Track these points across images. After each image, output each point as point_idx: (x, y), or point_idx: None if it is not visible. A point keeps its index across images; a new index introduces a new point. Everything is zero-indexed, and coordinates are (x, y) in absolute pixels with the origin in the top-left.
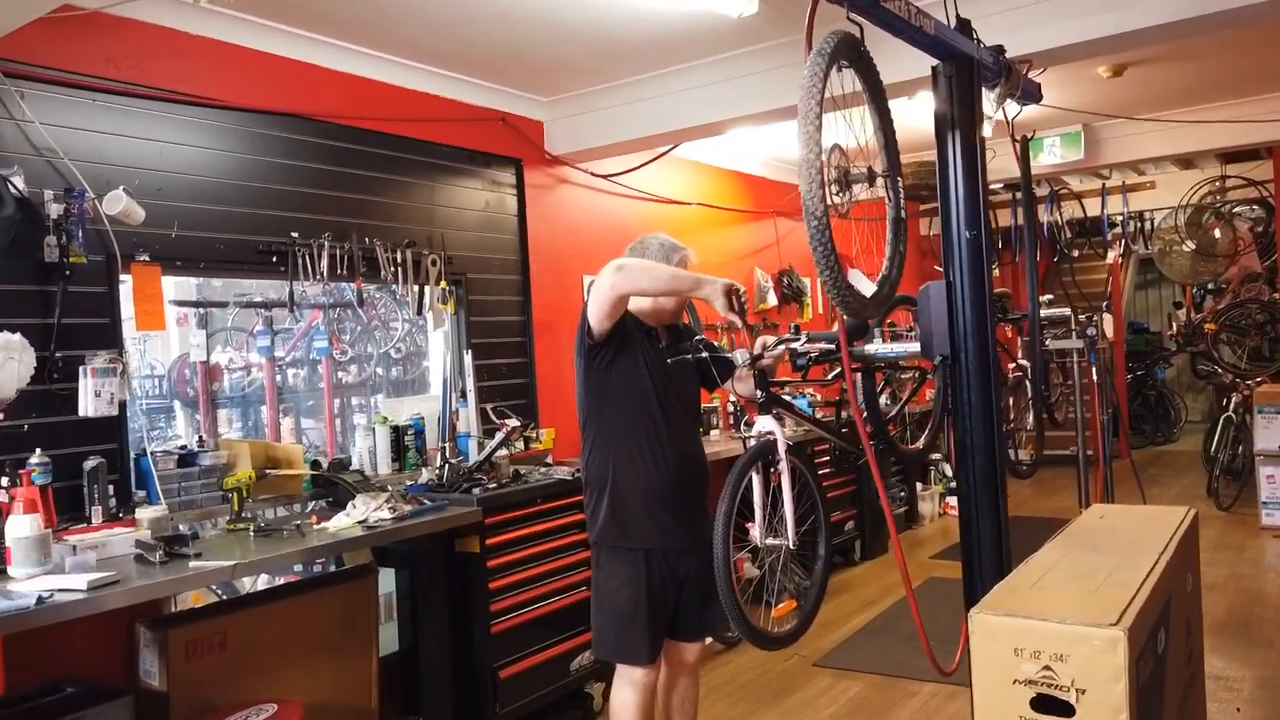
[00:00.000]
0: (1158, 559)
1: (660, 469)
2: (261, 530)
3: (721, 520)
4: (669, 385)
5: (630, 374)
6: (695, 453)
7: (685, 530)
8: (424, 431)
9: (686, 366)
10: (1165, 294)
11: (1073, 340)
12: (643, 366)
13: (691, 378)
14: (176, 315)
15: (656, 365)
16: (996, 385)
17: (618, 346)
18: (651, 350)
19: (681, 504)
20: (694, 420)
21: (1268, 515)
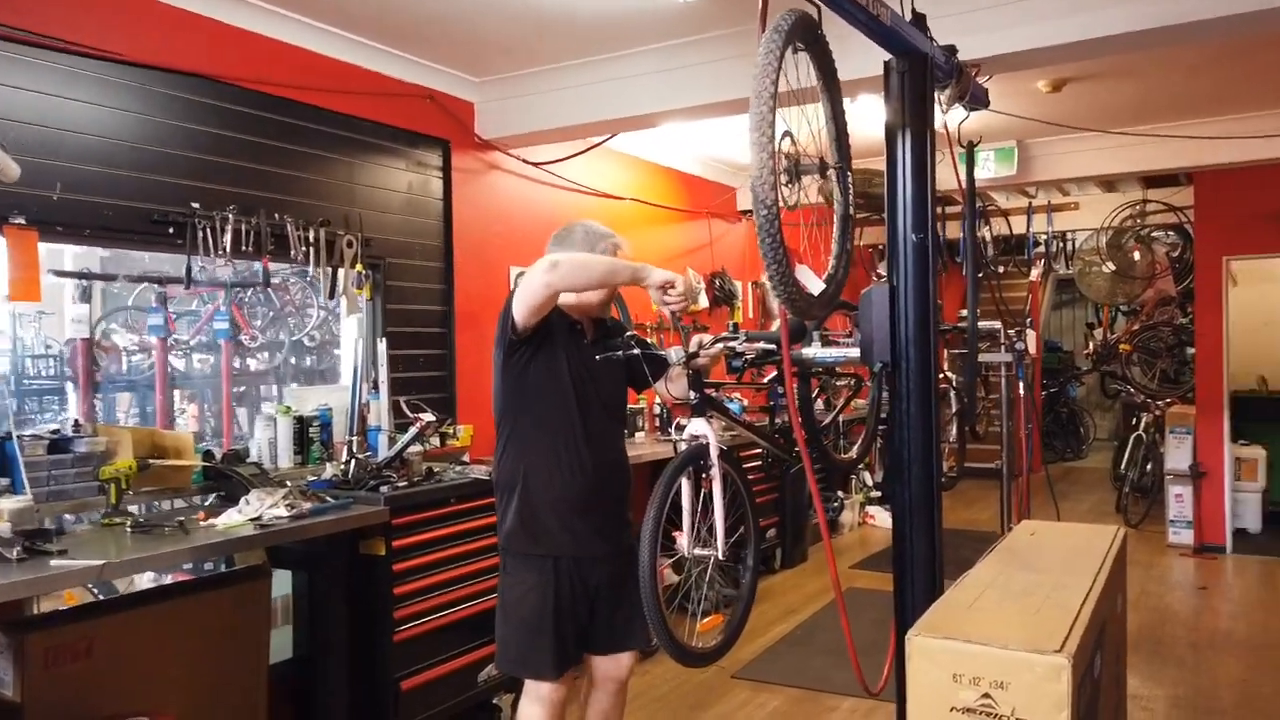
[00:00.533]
0: (1094, 580)
1: (576, 474)
2: (140, 526)
3: (649, 528)
4: (590, 385)
5: (549, 372)
6: (615, 457)
7: (601, 538)
8: (331, 424)
9: (614, 365)
10: (1079, 314)
11: (1001, 354)
12: (563, 364)
13: (618, 377)
14: (73, 293)
15: (579, 363)
16: (936, 396)
17: (539, 343)
18: (575, 347)
19: (598, 511)
20: (616, 422)
21: (1174, 533)
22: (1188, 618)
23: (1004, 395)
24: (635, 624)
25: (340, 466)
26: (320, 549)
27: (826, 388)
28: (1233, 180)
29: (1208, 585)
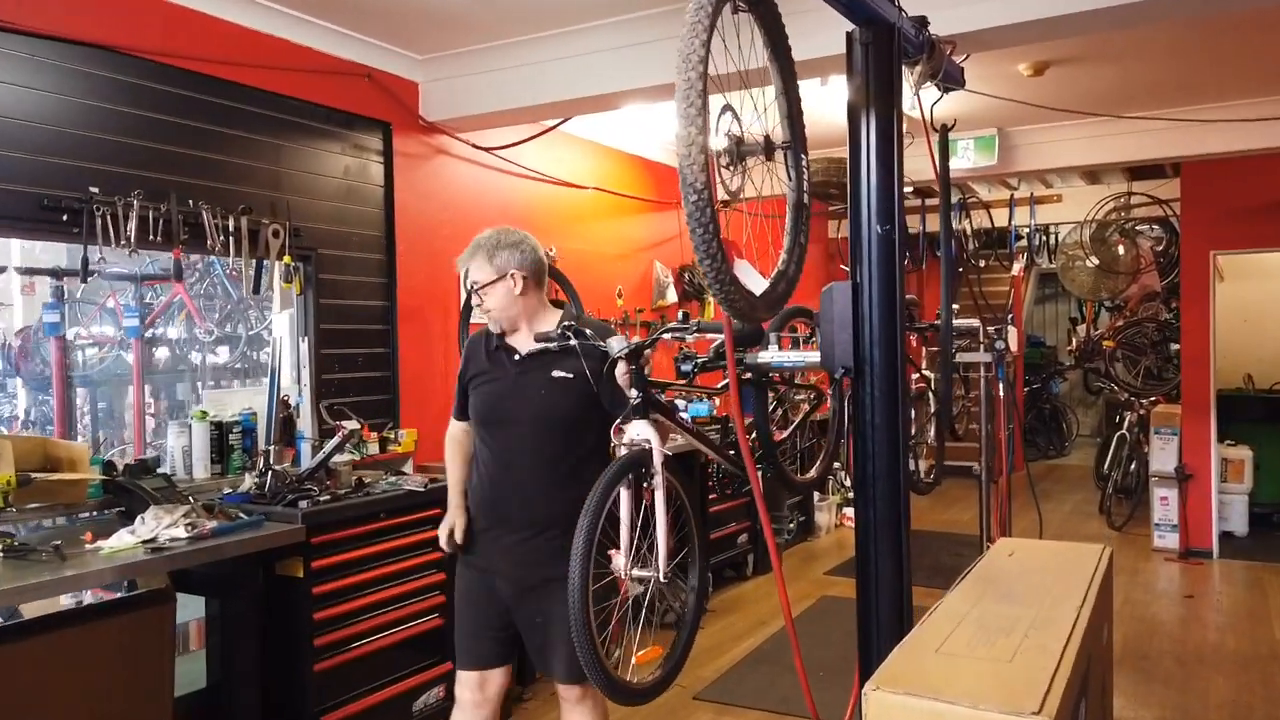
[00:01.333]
0: (1078, 614)
1: (488, 491)
2: (13, 550)
3: (580, 545)
4: (513, 401)
5: (477, 397)
6: (546, 475)
7: (512, 559)
8: (255, 430)
9: (555, 378)
10: (1061, 309)
11: (980, 354)
12: (485, 389)
13: (561, 389)
14: (22, 283)
15: (501, 384)
16: (905, 403)
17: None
18: (499, 367)
19: (512, 530)
20: (556, 436)
21: (1160, 537)
22: (1174, 629)
23: (983, 395)
24: (555, 654)
25: (258, 479)
26: (231, 571)
27: (784, 400)
28: (1220, 171)
29: (1194, 593)
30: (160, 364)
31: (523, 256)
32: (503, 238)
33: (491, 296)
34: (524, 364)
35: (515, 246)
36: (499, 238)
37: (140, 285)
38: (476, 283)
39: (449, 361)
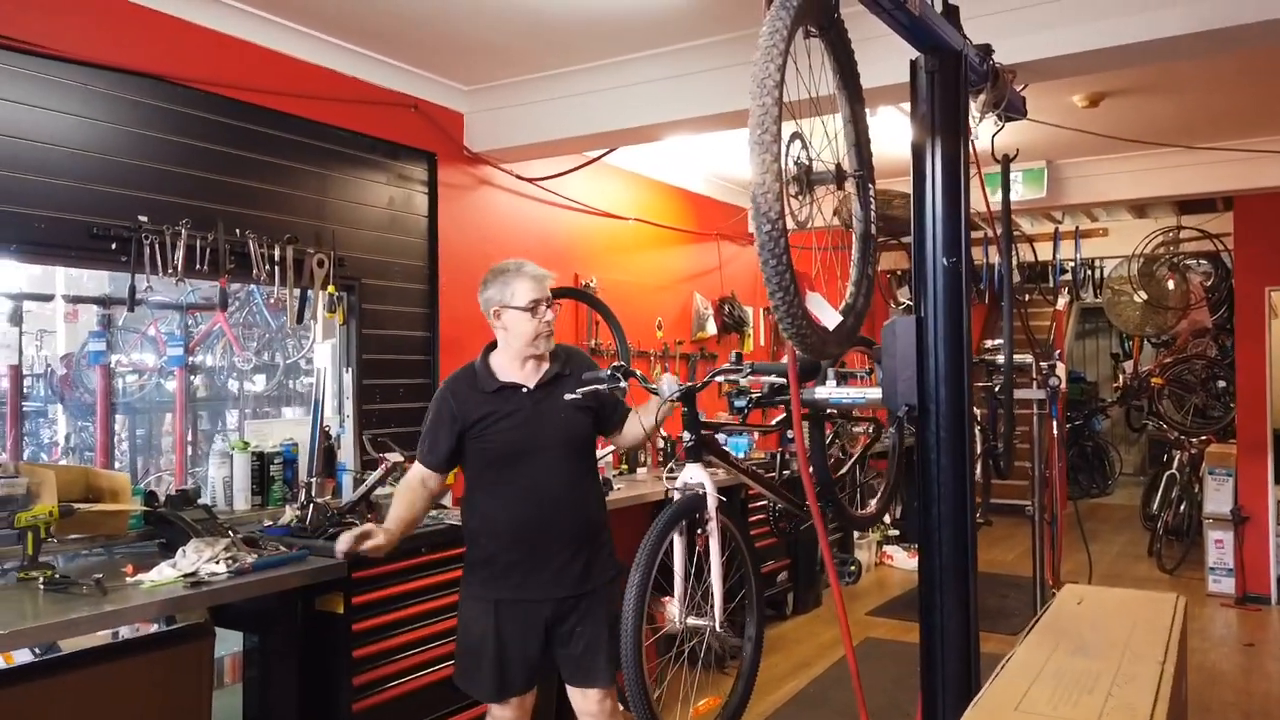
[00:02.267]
0: (1161, 670)
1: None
2: (54, 583)
3: (634, 595)
4: (532, 431)
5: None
6: (566, 496)
7: (552, 581)
8: (296, 461)
9: (562, 408)
10: (1102, 344)
11: (1034, 390)
12: (494, 429)
13: (569, 419)
14: (65, 310)
15: (516, 419)
16: (972, 444)
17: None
18: (508, 405)
19: (544, 553)
20: (570, 463)
21: (1215, 581)
22: (1236, 679)
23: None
24: (598, 660)
25: (298, 511)
26: (271, 606)
27: (841, 434)
28: (1276, 205)
29: (1254, 641)
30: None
31: None
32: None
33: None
34: (536, 395)
35: None
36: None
37: (185, 314)
38: (551, 300)
39: None
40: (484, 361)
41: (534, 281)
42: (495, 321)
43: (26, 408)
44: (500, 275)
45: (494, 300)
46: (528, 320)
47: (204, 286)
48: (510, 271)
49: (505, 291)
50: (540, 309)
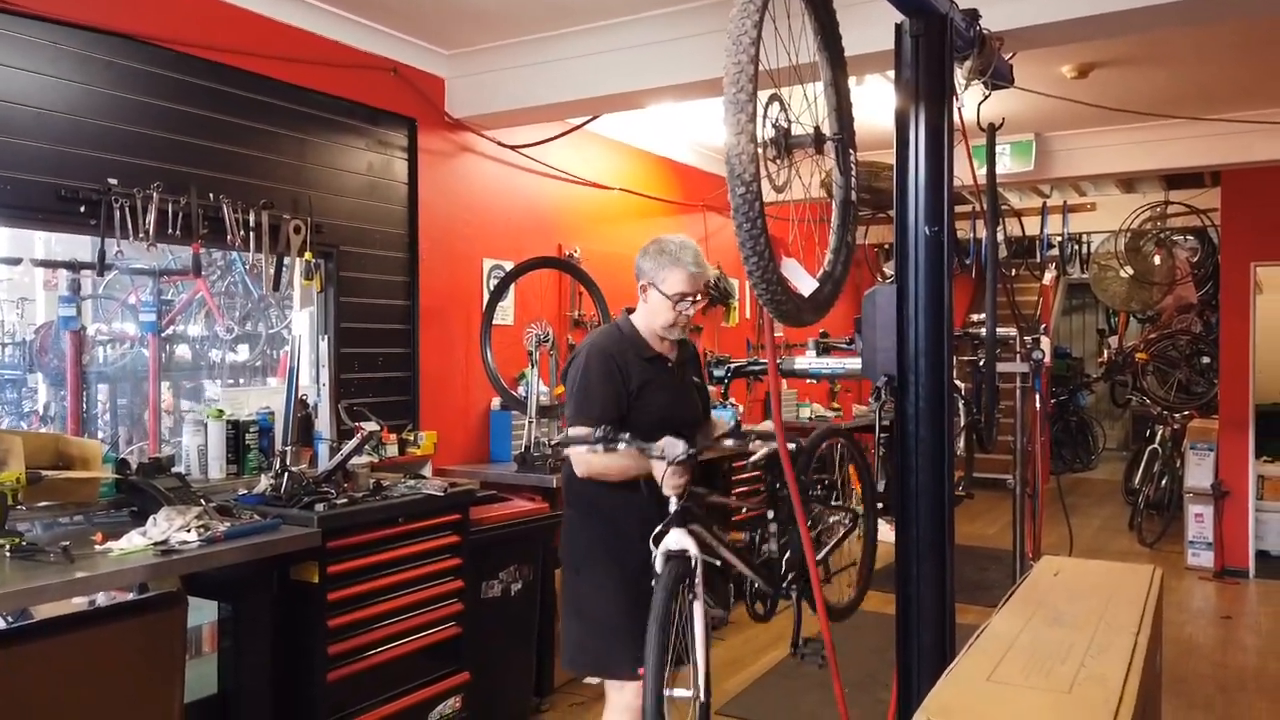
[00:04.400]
0: (1135, 641)
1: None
2: (22, 550)
3: (651, 678)
4: (672, 406)
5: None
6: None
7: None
8: (273, 429)
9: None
10: (1089, 320)
11: (1017, 364)
12: (651, 396)
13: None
14: (44, 278)
15: (660, 389)
16: (951, 415)
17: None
18: (655, 374)
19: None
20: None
21: (1193, 555)
22: (1212, 651)
23: (1018, 409)
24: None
25: (273, 480)
26: (245, 575)
27: (819, 520)
28: (1264, 180)
29: (1231, 614)
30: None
31: None
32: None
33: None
34: (677, 371)
35: None
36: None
37: (159, 280)
38: (699, 294)
39: (470, 363)
40: (632, 326)
41: (687, 274)
42: (641, 292)
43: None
44: (660, 252)
45: (645, 273)
46: (668, 309)
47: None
48: (669, 254)
49: (658, 271)
50: (684, 303)
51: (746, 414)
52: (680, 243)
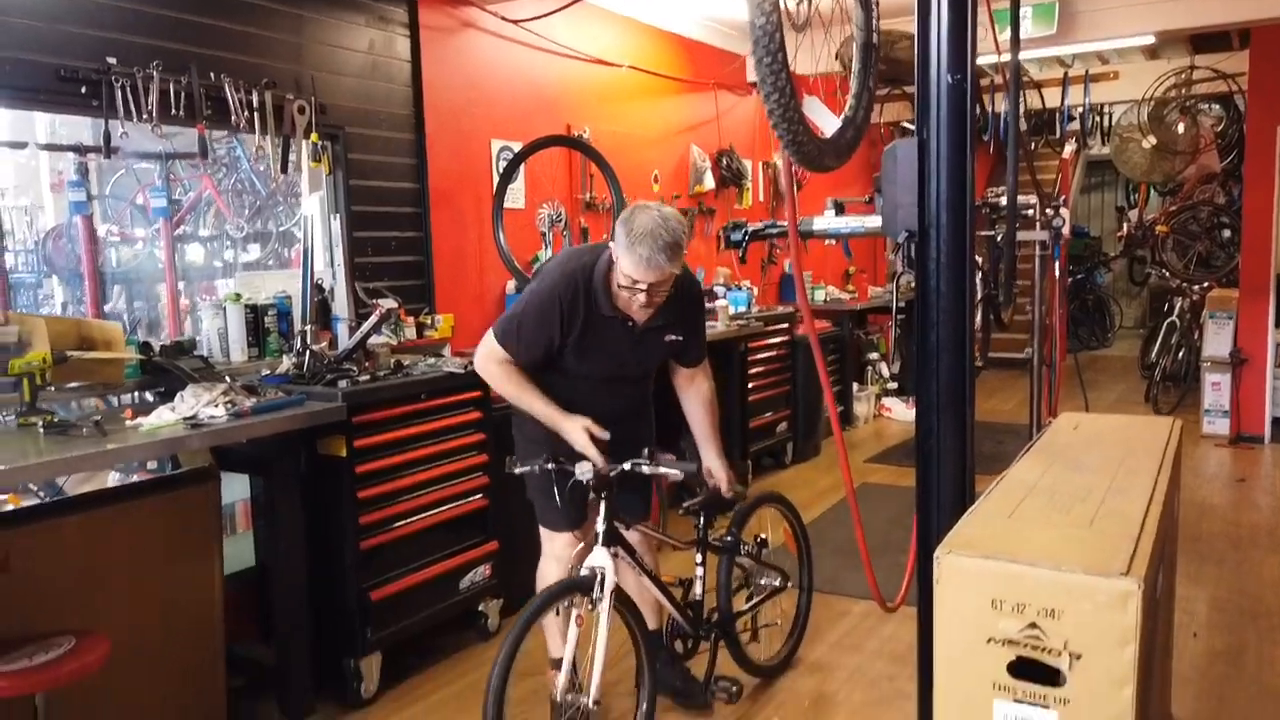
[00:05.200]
0: (1155, 482)
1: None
2: (55, 426)
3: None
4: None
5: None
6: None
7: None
8: (290, 313)
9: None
10: (1108, 198)
11: (1036, 232)
12: (593, 355)
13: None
14: (52, 179)
15: (614, 350)
16: (972, 270)
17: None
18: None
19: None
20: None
21: (1209, 423)
22: (1226, 512)
23: (1036, 279)
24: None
25: (295, 360)
26: (274, 450)
27: (751, 580)
28: None
29: (1246, 477)
30: (193, 264)
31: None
32: (682, 234)
33: (661, 294)
34: (642, 335)
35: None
36: (680, 234)
37: (166, 163)
38: (660, 285)
39: (483, 246)
40: (603, 280)
41: (640, 263)
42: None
43: (22, 279)
44: (628, 229)
45: (614, 239)
46: (624, 291)
47: (188, 138)
48: (634, 234)
49: (619, 248)
50: (633, 292)
51: (761, 295)
52: (648, 230)
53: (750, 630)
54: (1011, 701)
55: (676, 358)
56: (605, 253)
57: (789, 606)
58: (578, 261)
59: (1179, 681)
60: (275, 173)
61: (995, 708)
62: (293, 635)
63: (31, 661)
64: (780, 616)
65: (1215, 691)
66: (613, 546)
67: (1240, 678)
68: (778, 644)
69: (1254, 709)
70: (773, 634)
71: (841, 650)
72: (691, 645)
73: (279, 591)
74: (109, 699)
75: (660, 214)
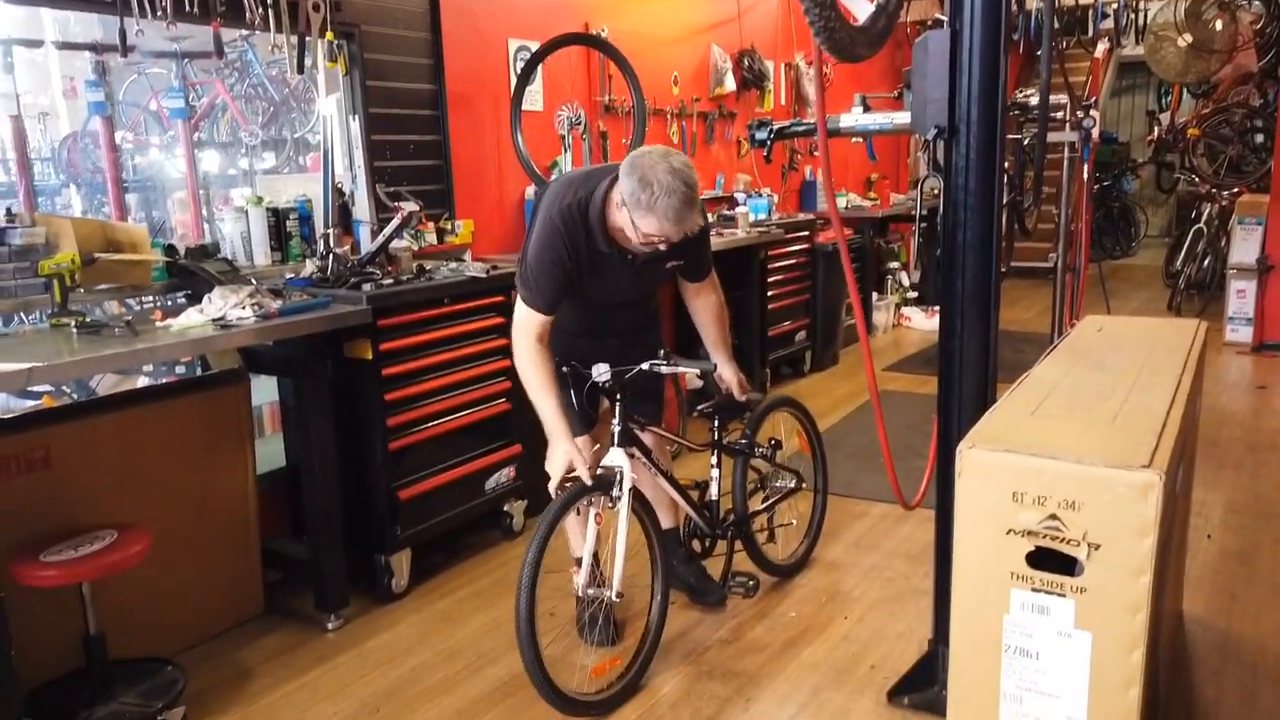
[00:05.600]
0: (1178, 380)
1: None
2: (87, 326)
3: (528, 569)
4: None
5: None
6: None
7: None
8: (311, 217)
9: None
10: (1138, 101)
11: (1066, 133)
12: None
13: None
14: (64, 86)
15: (613, 281)
16: (1001, 168)
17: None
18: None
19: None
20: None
21: (1232, 331)
22: (1245, 418)
23: (1063, 182)
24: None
25: (319, 263)
26: (301, 352)
27: (767, 481)
28: None
29: (1267, 384)
30: (209, 173)
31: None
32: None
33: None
34: (642, 267)
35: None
36: (695, 180)
37: (182, 62)
38: (671, 238)
39: (502, 150)
40: (600, 215)
41: (665, 223)
42: (618, 196)
43: (40, 187)
44: (645, 187)
45: (624, 193)
46: (635, 239)
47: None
48: (654, 194)
49: (636, 208)
50: (650, 246)
51: (781, 203)
52: (667, 186)
53: (767, 530)
54: (1029, 591)
55: (683, 276)
56: (598, 188)
57: (805, 508)
58: (573, 195)
59: (1191, 581)
60: (291, 74)
61: (1013, 596)
62: (325, 532)
63: (77, 553)
64: (796, 517)
65: (1227, 590)
66: (629, 446)
67: (1252, 577)
68: (794, 544)
69: (1265, 607)
70: (789, 534)
71: (859, 550)
72: (709, 545)
73: (311, 490)
74: (151, 590)
75: (671, 166)
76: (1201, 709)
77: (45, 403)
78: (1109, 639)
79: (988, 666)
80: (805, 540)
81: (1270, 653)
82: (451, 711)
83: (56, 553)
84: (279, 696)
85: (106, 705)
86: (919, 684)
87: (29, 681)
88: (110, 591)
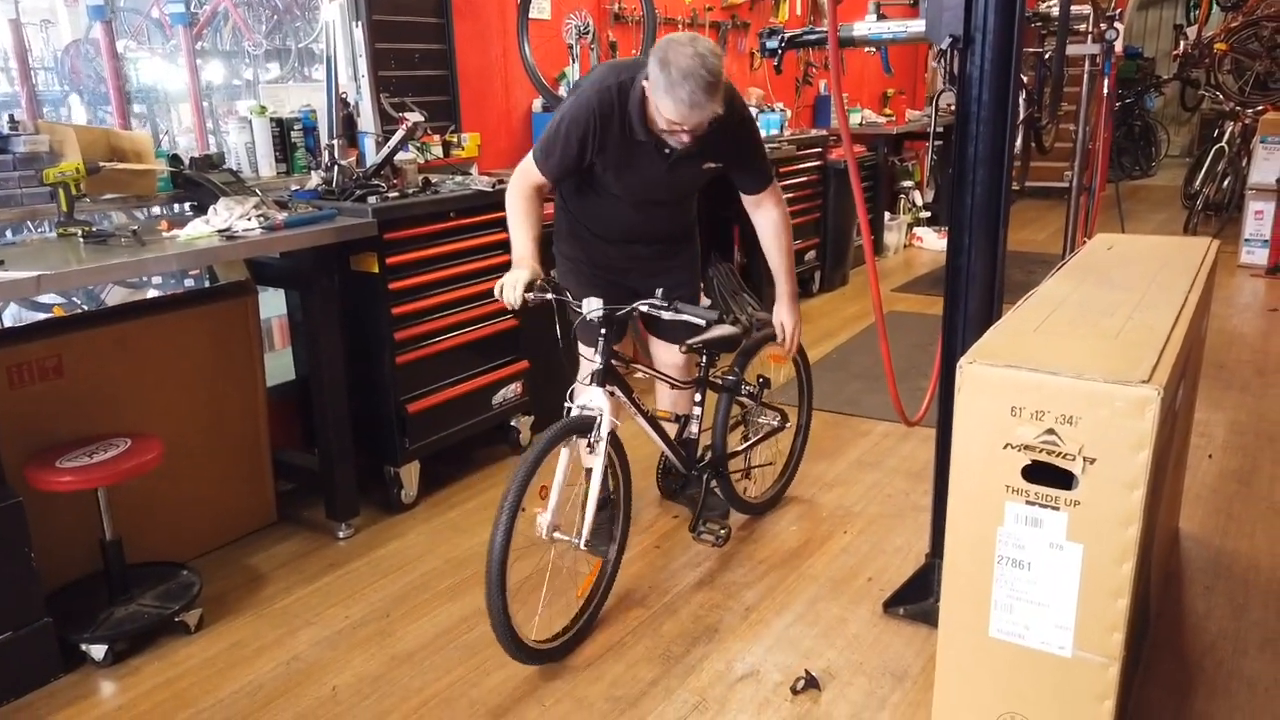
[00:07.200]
0: (1185, 298)
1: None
2: (94, 236)
3: (507, 504)
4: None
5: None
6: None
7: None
8: (315, 128)
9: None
10: (1166, 15)
11: (1088, 45)
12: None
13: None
14: None
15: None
16: (1017, 80)
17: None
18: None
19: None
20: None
21: (1247, 253)
22: (1254, 340)
23: (1083, 98)
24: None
25: (324, 175)
26: (308, 265)
27: (750, 419)
28: None
29: (1279, 307)
30: (213, 83)
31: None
32: (721, 69)
33: (703, 130)
34: (676, 162)
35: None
36: (720, 70)
37: None
38: (703, 125)
39: (509, 61)
40: (640, 100)
41: (682, 107)
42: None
43: (44, 97)
44: (666, 71)
45: (649, 78)
46: (660, 123)
47: None
48: (673, 77)
49: (656, 90)
50: (673, 133)
51: (793, 119)
52: (688, 70)
53: (744, 470)
54: (1023, 504)
55: (739, 188)
56: (640, 73)
57: (785, 445)
58: (615, 78)
59: (1190, 499)
60: None
61: (1006, 509)
62: (335, 444)
63: (92, 460)
64: (776, 455)
65: (1225, 508)
66: (609, 385)
67: (1250, 496)
68: (769, 482)
69: (1261, 525)
70: (766, 473)
71: (861, 467)
72: (680, 486)
73: (320, 403)
74: (165, 499)
75: (696, 51)
76: (1192, 621)
77: (56, 312)
78: (1100, 551)
79: (980, 577)
80: (780, 480)
81: (1262, 569)
82: (458, 617)
83: (72, 459)
84: (292, 600)
85: (125, 607)
86: (914, 595)
87: (49, 584)
88: (126, 499)
